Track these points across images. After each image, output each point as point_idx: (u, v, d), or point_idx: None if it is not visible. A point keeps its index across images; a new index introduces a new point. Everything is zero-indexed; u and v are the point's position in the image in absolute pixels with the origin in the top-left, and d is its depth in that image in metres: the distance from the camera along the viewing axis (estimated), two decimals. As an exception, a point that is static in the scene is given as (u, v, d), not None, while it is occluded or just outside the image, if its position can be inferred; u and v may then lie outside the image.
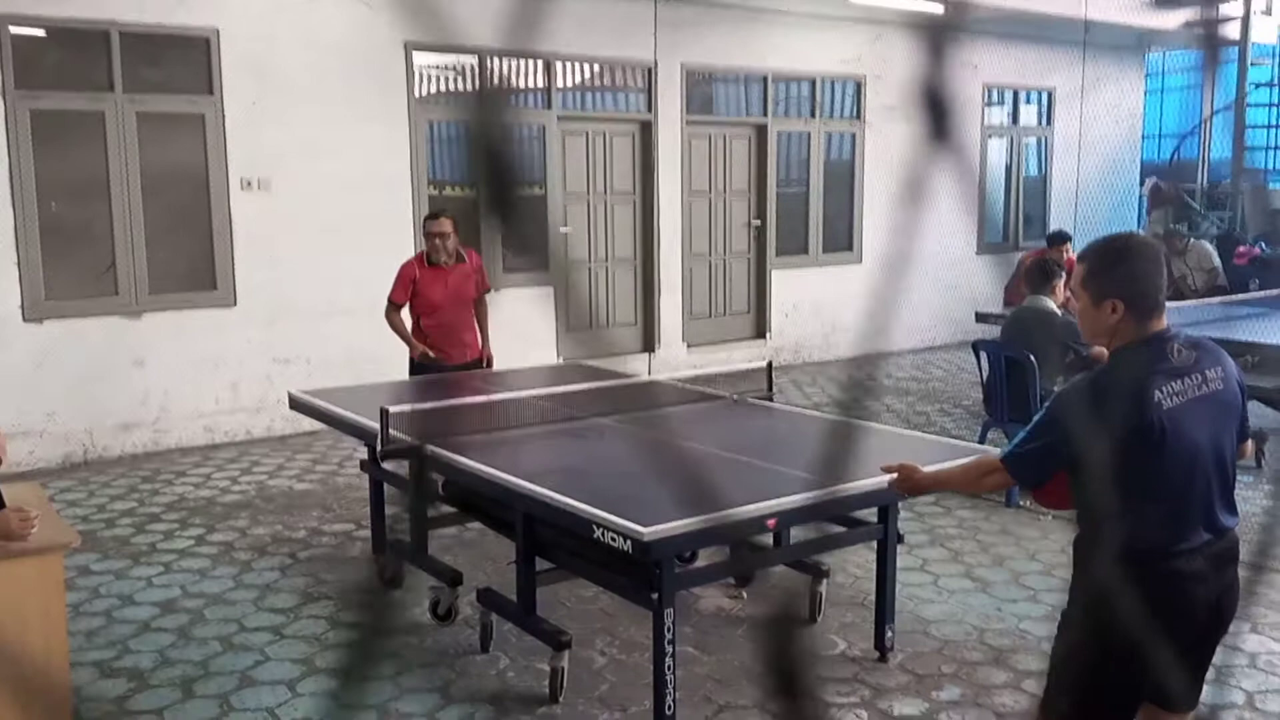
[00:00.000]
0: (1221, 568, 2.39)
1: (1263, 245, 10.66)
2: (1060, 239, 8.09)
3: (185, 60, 6.97)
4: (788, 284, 10.12)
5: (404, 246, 7.69)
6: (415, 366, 5.64)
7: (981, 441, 5.78)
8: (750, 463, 3.78)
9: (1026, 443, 2.46)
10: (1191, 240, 9.81)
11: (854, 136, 10.44)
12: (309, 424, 6.24)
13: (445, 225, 5.57)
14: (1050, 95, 11.89)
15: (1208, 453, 2.36)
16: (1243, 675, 3.78)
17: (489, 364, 5.79)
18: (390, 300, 5.63)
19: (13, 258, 6.46)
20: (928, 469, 2.89)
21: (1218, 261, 9.48)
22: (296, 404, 5.02)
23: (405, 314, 5.69)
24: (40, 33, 6.55)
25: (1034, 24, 10.52)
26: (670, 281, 9.40)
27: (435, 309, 5.60)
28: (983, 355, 6.15)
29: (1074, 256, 8.34)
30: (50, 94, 6.53)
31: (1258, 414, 7.26)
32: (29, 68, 6.49)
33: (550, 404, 4.59)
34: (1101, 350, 2.52)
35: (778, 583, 4.58)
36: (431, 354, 5.56)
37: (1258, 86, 11.69)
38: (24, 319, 6.51)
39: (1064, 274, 5.95)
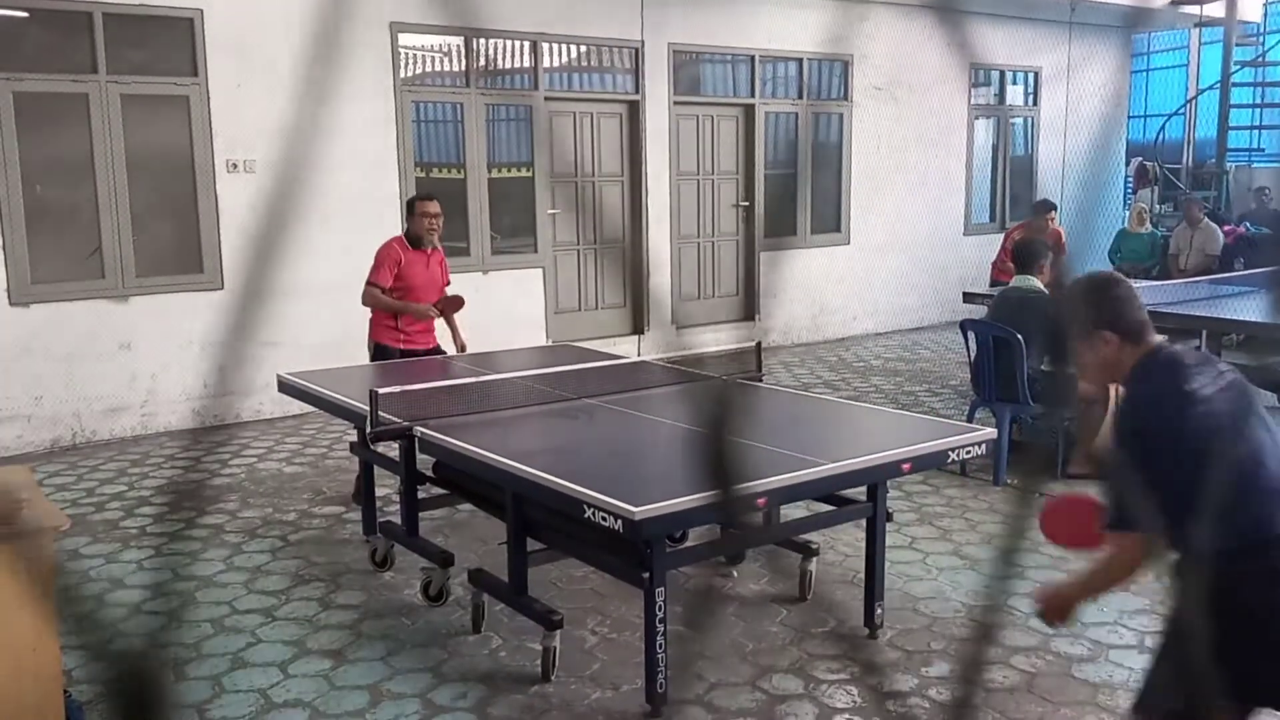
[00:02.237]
0: None
1: (1248, 225, 10.69)
2: (1045, 208, 8.10)
3: (169, 42, 6.91)
4: (776, 265, 10.12)
5: (392, 228, 7.66)
6: (378, 351, 5.56)
7: (970, 420, 5.82)
8: (740, 443, 3.80)
9: (1119, 494, 2.30)
10: (1208, 219, 9.67)
11: (841, 117, 10.44)
12: (298, 407, 6.24)
13: (438, 205, 5.54)
14: (1037, 75, 11.91)
15: (1262, 435, 2.28)
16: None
17: (462, 350, 5.78)
18: (373, 283, 5.46)
19: (-3, 241, 6.42)
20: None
21: (1218, 249, 9.42)
22: (285, 386, 5.01)
23: None
24: (23, 14, 6.49)
25: (1021, 3, 10.52)
26: (659, 263, 9.39)
27: (413, 291, 5.50)
28: (970, 335, 6.17)
29: (1060, 227, 8.36)
30: (33, 76, 6.46)
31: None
32: (11, 49, 6.42)
33: (540, 385, 4.60)
34: (1088, 388, 2.47)
35: (768, 562, 4.61)
36: (435, 313, 5.51)
37: (1242, 65, 11.70)
38: (10, 303, 6.47)
39: (1050, 253, 5.99)
